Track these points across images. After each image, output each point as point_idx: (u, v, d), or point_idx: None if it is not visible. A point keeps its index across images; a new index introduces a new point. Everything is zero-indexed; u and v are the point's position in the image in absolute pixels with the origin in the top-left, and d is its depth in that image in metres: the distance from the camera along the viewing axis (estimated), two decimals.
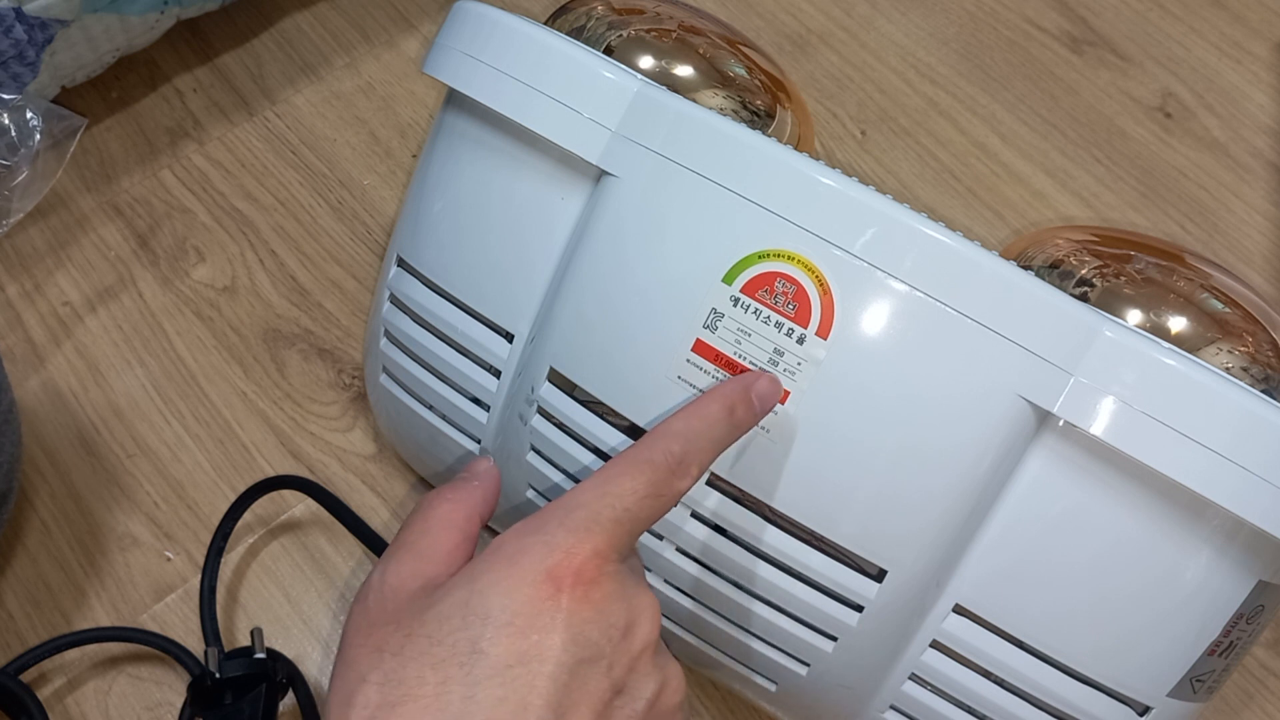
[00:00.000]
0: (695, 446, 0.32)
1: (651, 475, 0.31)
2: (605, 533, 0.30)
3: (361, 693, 0.29)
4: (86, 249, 0.55)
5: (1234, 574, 0.34)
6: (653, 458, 0.31)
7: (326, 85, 0.60)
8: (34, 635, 0.46)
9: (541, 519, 0.30)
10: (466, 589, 0.29)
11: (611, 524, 0.30)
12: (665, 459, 0.31)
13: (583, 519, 0.30)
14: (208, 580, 0.43)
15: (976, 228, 0.57)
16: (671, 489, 0.31)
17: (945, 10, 0.63)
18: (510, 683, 0.28)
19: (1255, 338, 0.38)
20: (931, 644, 0.36)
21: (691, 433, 0.32)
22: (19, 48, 0.49)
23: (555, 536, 0.30)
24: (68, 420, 0.51)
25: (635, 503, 0.30)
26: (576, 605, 0.29)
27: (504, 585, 0.29)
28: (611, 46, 0.43)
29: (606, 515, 0.30)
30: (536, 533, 0.30)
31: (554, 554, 0.29)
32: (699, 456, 0.32)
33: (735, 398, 0.33)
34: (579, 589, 0.29)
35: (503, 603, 0.29)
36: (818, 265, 0.34)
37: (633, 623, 0.30)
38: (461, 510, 0.32)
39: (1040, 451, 0.34)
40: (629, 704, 0.30)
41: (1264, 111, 0.60)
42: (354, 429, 0.51)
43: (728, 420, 0.32)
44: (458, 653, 0.28)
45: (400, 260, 0.43)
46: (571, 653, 0.29)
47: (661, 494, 0.31)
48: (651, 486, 0.31)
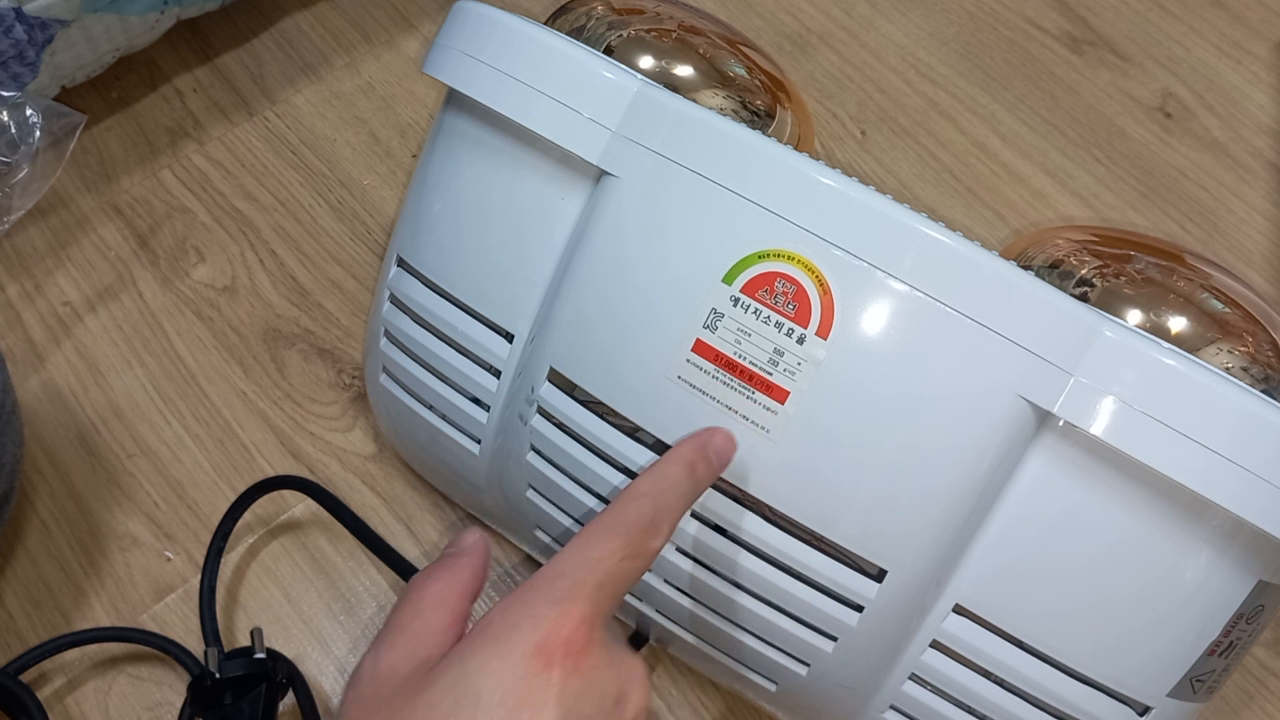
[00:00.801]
0: (664, 505, 0.32)
1: (627, 537, 0.31)
2: (590, 600, 0.30)
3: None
4: (86, 249, 0.55)
5: (1234, 574, 0.34)
6: (626, 520, 0.31)
7: (326, 85, 0.60)
8: (34, 635, 0.46)
9: (526, 593, 0.30)
10: (457, 671, 0.29)
11: (595, 590, 0.30)
12: (638, 520, 0.31)
13: (567, 588, 0.30)
14: (208, 580, 0.43)
15: (976, 228, 0.57)
16: (647, 549, 0.31)
17: (945, 10, 0.63)
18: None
19: (1255, 338, 0.38)
20: (931, 644, 0.36)
21: (659, 493, 0.32)
22: (19, 48, 0.49)
23: (541, 609, 0.29)
24: (68, 420, 0.51)
25: (615, 565, 0.31)
26: (567, 678, 0.29)
27: (493, 665, 0.29)
28: (611, 46, 0.43)
29: (590, 582, 0.30)
30: (522, 607, 0.30)
31: (541, 627, 0.29)
32: (668, 515, 0.32)
33: (693, 456, 0.34)
34: (569, 660, 0.29)
35: (493, 683, 0.28)
36: (818, 265, 0.34)
37: (625, 692, 0.30)
38: (453, 589, 0.32)
39: (1040, 451, 0.34)
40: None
41: (1264, 111, 0.60)
42: (354, 429, 0.51)
43: (690, 478, 0.33)
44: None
45: (400, 260, 0.43)
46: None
47: (638, 554, 0.31)
48: (629, 548, 0.31)
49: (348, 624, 0.46)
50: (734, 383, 0.35)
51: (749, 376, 0.35)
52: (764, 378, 0.34)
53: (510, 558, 0.48)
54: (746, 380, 0.35)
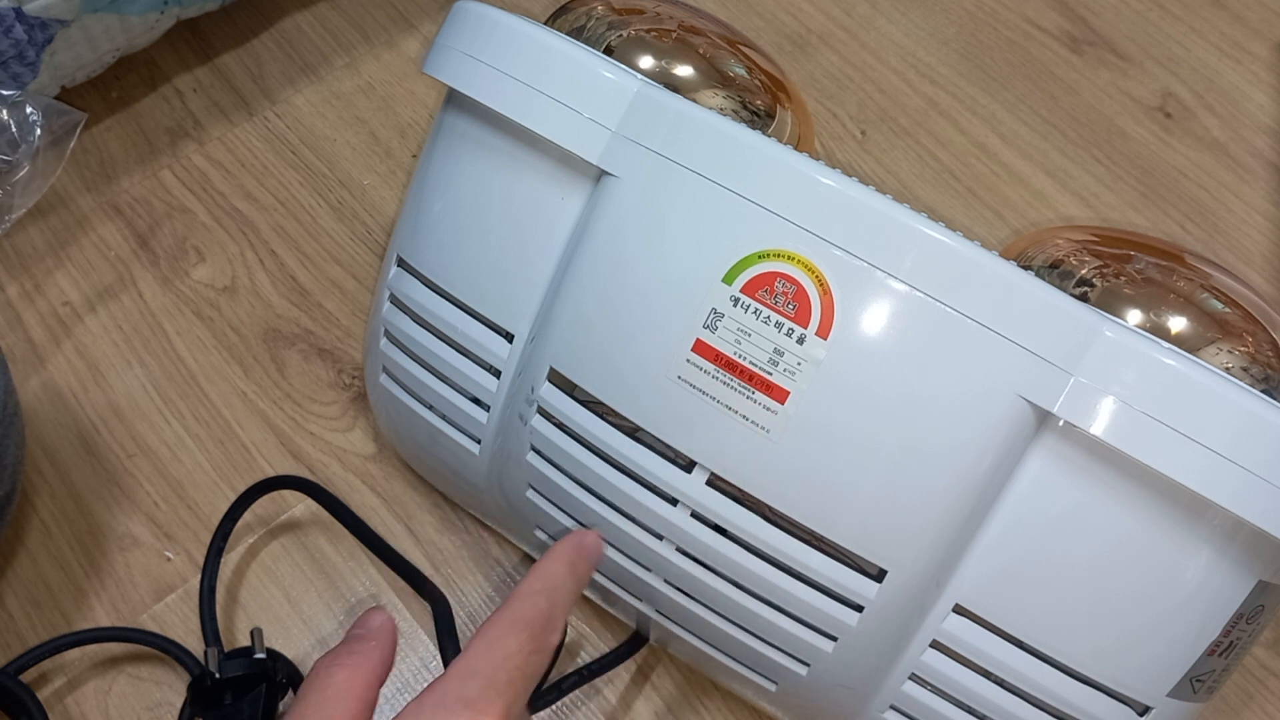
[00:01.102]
0: (556, 601, 0.33)
1: (530, 631, 0.32)
2: (503, 697, 0.30)
3: None
4: (86, 249, 0.55)
5: (1234, 574, 0.34)
6: (527, 615, 0.32)
7: (326, 85, 0.60)
8: (34, 635, 0.46)
9: (437, 695, 0.30)
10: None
11: (507, 686, 0.30)
12: (538, 615, 0.32)
13: (479, 688, 0.30)
14: (208, 580, 0.43)
15: (976, 228, 0.57)
16: (548, 643, 0.32)
17: (945, 10, 0.63)
18: None
19: (1255, 338, 0.38)
20: (931, 644, 0.36)
21: (550, 590, 0.33)
22: (19, 48, 0.49)
23: (456, 712, 0.29)
24: (68, 420, 0.51)
25: (523, 660, 0.31)
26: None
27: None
28: (611, 46, 0.43)
29: (502, 679, 0.31)
30: (437, 710, 0.29)
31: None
32: (561, 610, 0.33)
33: (572, 555, 0.35)
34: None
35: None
36: (818, 265, 0.34)
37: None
38: (359, 676, 0.32)
39: (1040, 451, 0.34)
40: None
41: (1264, 111, 0.60)
42: (354, 429, 0.51)
43: (572, 575, 0.34)
44: None
45: (400, 260, 0.43)
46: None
47: (541, 649, 0.32)
48: (533, 642, 0.32)
49: (348, 624, 0.46)
50: (734, 383, 0.35)
51: (749, 376, 0.35)
52: (764, 378, 0.34)
53: (510, 558, 0.48)
54: (746, 380, 0.35)
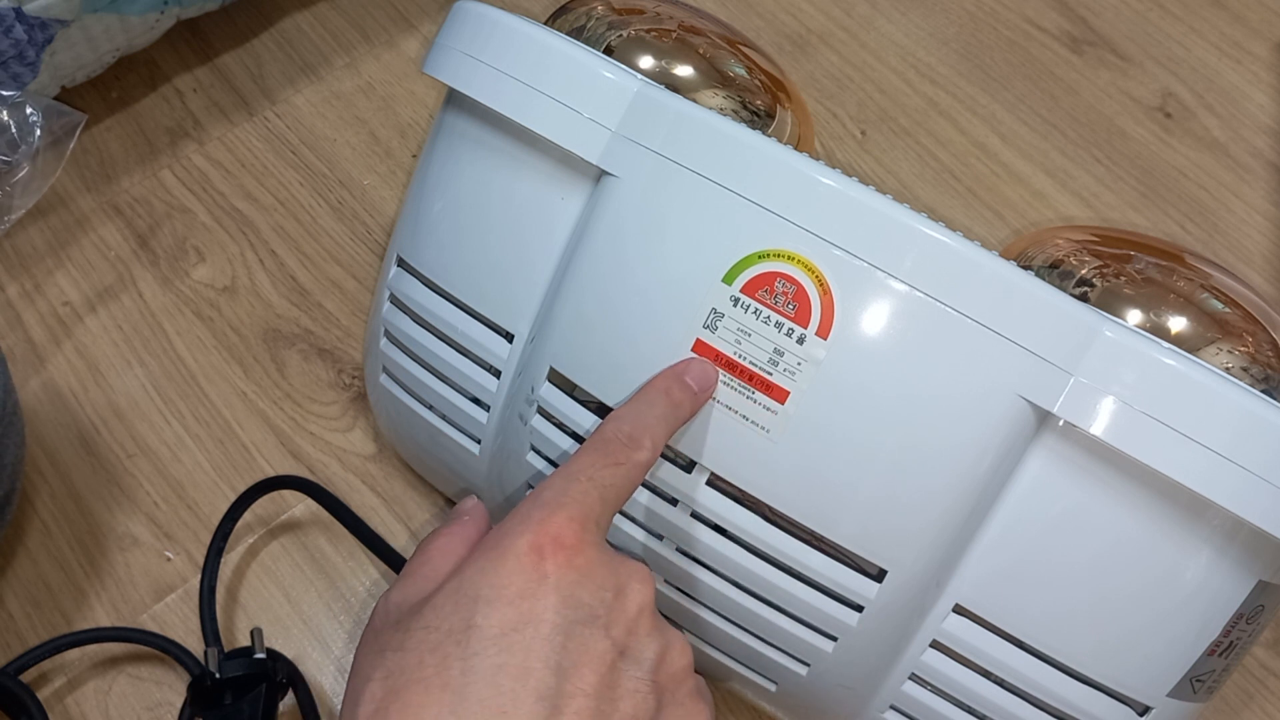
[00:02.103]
0: (641, 422, 0.34)
1: (605, 448, 0.33)
2: (576, 502, 0.31)
3: (367, 690, 0.29)
4: (86, 249, 0.55)
5: (1234, 574, 0.34)
6: (605, 435, 0.33)
7: (326, 85, 0.60)
8: (34, 635, 0.46)
9: (517, 507, 0.32)
10: (457, 579, 0.31)
11: (581, 495, 0.32)
12: (615, 434, 0.33)
13: (552, 494, 0.32)
14: (208, 580, 0.43)
15: (976, 228, 0.57)
16: (629, 458, 0.33)
17: (945, 10, 0.63)
18: (508, 649, 0.29)
19: (1255, 338, 0.38)
20: (931, 644, 0.36)
21: (634, 412, 0.34)
22: (19, 48, 0.49)
23: (530, 514, 0.31)
24: (68, 420, 0.51)
25: (597, 472, 0.32)
26: (561, 570, 0.30)
27: (489, 567, 0.30)
28: (611, 46, 0.43)
29: (575, 488, 0.32)
30: (513, 518, 0.32)
31: (530, 528, 0.31)
32: (648, 431, 0.34)
33: (669, 382, 0.35)
34: (561, 554, 0.30)
35: (490, 580, 0.30)
36: (818, 265, 0.34)
37: (623, 585, 0.31)
38: (457, 540, 0.34)
39: (1040, 451, 0.34)
40: (633, 667, 0.31)
41: (1264, 111, 0.60)
42: (354, 429, 0.51)
43: (666, 400, 0.34)
44: (453, 633, 0.29)
45: (400, 260, 0.43)
46: (564, 614, 0.30)
47: (620, 462, 0.33)
48: (608, 457, 0.33)
49: (348, 624, 0.46)
50: (734, 383, 0.35)
51: (749, 376, 0.35)
52: (764, 378, 0.34)
53: None
54: (746, 380, 0.35)
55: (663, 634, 0.32)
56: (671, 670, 0.32)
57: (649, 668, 0.31)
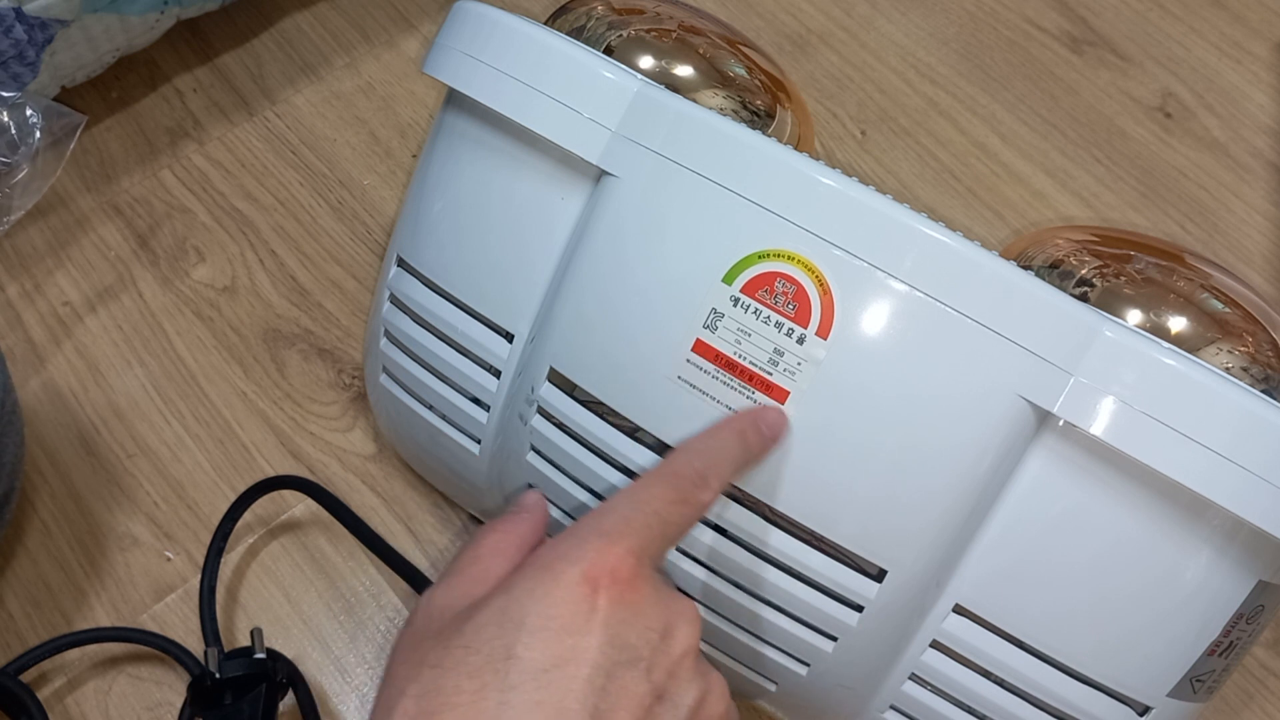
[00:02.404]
0: (714, 462, 0.33)
1: (678, 484, 0.32)
2: (637, 535, 0.30)
3: (400, 706, 0.28)
4: (86, 249, 0.55)
5: (1234, 574, 0.34)
6: (677, 470, 0.32)
7: (326, 85, 0.60)
8: (34, 635, 0.46)
9: (576, 528, 0.31)
10: (504, 598, 0.30)
11: (643, 528, 0.31)
12: (689, 471, 0.32)
13: (615, 523, 0.30)
14: (208, 580, 0.43)
15: (976, 228, 0.57)
16: (696, 499, 0.32)
17: (945, 10, 0.63)
18: (547, 686, 0.28)
19: (1255, 338, 0.38)
20: (931, 644, 0.36)
21: (710, 451, 0.33)
22: (19, 48, 0.49)
23: (589, 540, 0.30)
24: (68, 420, 0.51)
25: (664, 507, 0.31)
26: (613, 607, 0.29)
27: (539, 591, 0.29)
28: (611, 46, 0.43)
29: (638, 520, 0.31)
30: (570, 539, 0.30)
31: (587, 556, 0.30)
32: (719, 471, 0.33)
33: (745, 425, 0.34)
34: (614, 589, 0.29)
35: (538, 608, 0.29)
36: (818, 265, 0.34)
37: (671, 626, 0.30)
38: (511, 539, 0.33)
39: (1040, 451, 0.34)
40: (670, 711, 0.30)
41: (1264, 111, 0.60)
42: (354, 429, 0.51)
43: (740, 444, 0.34)
44: (494, 659, 0.28)
45: (400, 260, 0.43)
46: (609, 655, 0.29)
47: (688, 501, 0.32)
48: (678, 493, 0.32)
49: (348, 624, 0.46)
50: (734, 383, 0.35)
51: (749, 376, 0.35)
52: (764, 378, 0.34)
53: None
54: (746, 380, 0.35)
55: (704, 678, 0.31)
56: (708, 714, 0.31)
57: (685, 713, 0.30)
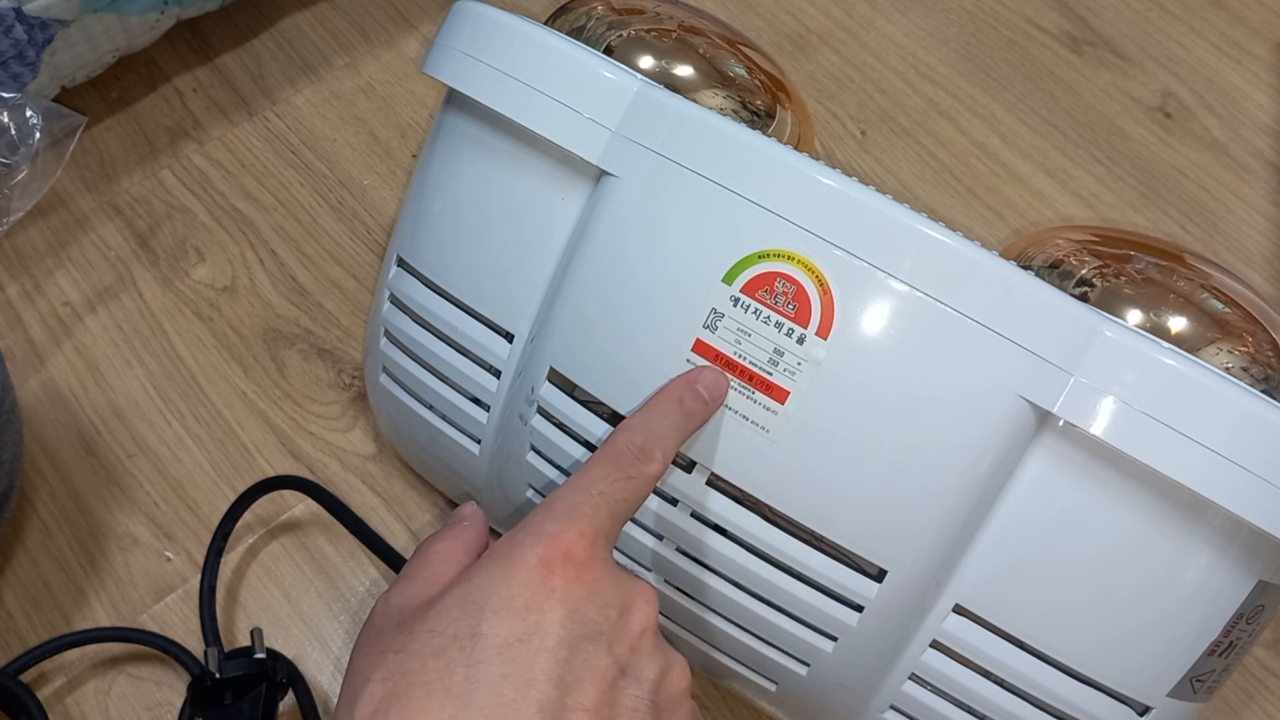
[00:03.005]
0: (653, 433, 0.34)
1: (619, 462, 0.33)
2: (586, 518, 0.31)
3: (366, 690, 0.29)
4: (86, 249, 0.55)
5: (1234, 574, 0.34)
6: (615, 447, 0.33)
7: (326, 85, 0.60)
8: (34, 635, 0.46)
9: (530, 518, 0.32)
10: (464, 585, 0.31)
11: (591, 509, 0.32)
12: (627, 447, 0.33)
13: (564, 508, 0.32)
14: (208, 580, 0.43)
15: (976, 228, 0.57)
16: (641, 471, 0.33)
17: (945, 10, 0.63)
18: (512, 659, 0.29)
19: (1255, 338, 0.38)
20: (931, 644, 0.36)
21: (647, 423, 0.34)
22: (19, 48, 0.49)
23: (542, 526, 0.31)
24: (68, 420, 0.51)
25: (609, 487, 0.32)
26: (570, 585, 0.30)
27: (498, 575, 0.30)
28: (611, 46, 0.43)
29: (585, 502, 0.32)
30: (524, 529, 0.32)
31: (541, 540, 0.31)
32: (660, 442, 0.34)
33: (682, 390, 0.35)
34: (570, 570, 0.30)
35: (499, 589, 0.30)
36: (818, 265, 0.34)
37: (629, 604, 0.31)
38: (458, 545, 0.34)
39: (1040, 451, 0.34)
40: (633, 686, 0.31)
41: (1264, 111, 0.60)
42: (354, 429, 0.51)
43: (679, 409, 0.34)
44: (459, 638, 0.29)
45: (400, 260, 0.43)
46: (570, 629, 0.30)
47: (631, 476, 0.33)
48: (620, 470, 0.33)
49: (348, 624, 0.46)
50: (734, 383, 0.35)
51: (749, 376, 0.35)
52: (764, 378, 0.34)
53: None
54: (746, 380, 0.35)
55: (664, 655, 0.32)
56: (670, 692, 0.32)
57: (649, 687, 0.31)
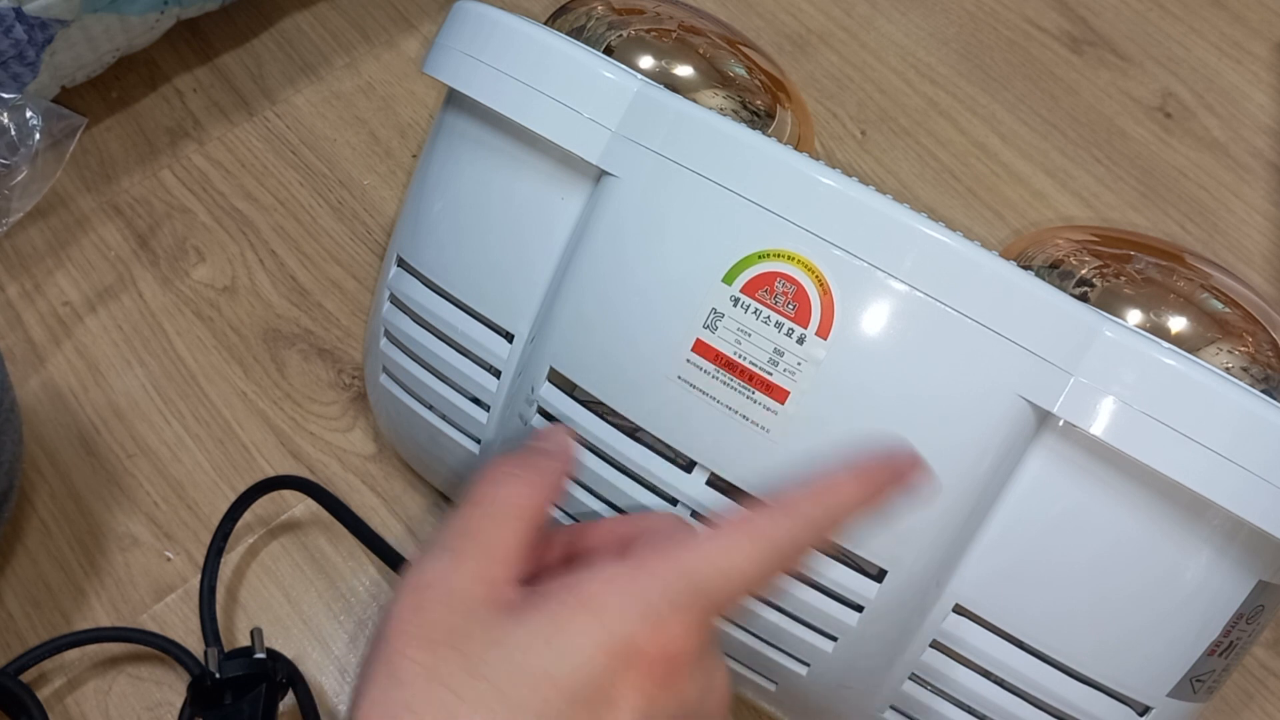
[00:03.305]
0: (827, 531, 0.29)
1: (773, 561, 0.28)
2: (704, 610, 0.27)
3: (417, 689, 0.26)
4: (86, 249, 0.55)
5: (1234, 574, 0.34)
6: (777, 541, 0.29)
7: (326, 85, 0.60)
8: (34, 635, 0.46)
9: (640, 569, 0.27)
10: (542, 641, 0.26)
11: (714, 603, 0.28)
12: (794, 545, 0.29)
13: (686, 590, 0.27)
14: (208, 580, 0.43)
15: (976, 228, 0.57)
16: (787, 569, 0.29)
17: (945, 10, 0.63)
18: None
19: (1255, 338, 0.38)
20: (931, 644, 0.36)
21: (830, 514, 0.29)
22: (19, 48, 0.49)
23: (654, 604, 0.27)
24: (68, 420, 0.51)
25: (744, 585, 0.28)
26: (656, 690, 0.27)
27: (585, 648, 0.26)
28: (611, 46, 0.43)
29: (715, 590, 0.28)
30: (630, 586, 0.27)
31: (646, 624, 0.27)
32: (825, 541, 0.29)
33: (886, 482, 0.30)
34: (659, 667, 0.27)
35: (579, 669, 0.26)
36: (818, 265, 0.34)
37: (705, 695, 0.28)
38: (534, 497, 0.29)
39: (1040, 451, 0.34)
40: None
41: (1264, 111, 0.60)
42: (354, 429, 0.51)
43: (865, 507, 0.30)
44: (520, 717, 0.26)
45: (400, 260, 0.43)
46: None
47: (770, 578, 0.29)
48: (773, 569, 0.29)
49: (348, 624, 0.46)
50: (734, 383, 0.35)
51: (749, 376, 0.35)
52: (764, 378, 0.34)
53: None
54: (746, 380, 0.35)
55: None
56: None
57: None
